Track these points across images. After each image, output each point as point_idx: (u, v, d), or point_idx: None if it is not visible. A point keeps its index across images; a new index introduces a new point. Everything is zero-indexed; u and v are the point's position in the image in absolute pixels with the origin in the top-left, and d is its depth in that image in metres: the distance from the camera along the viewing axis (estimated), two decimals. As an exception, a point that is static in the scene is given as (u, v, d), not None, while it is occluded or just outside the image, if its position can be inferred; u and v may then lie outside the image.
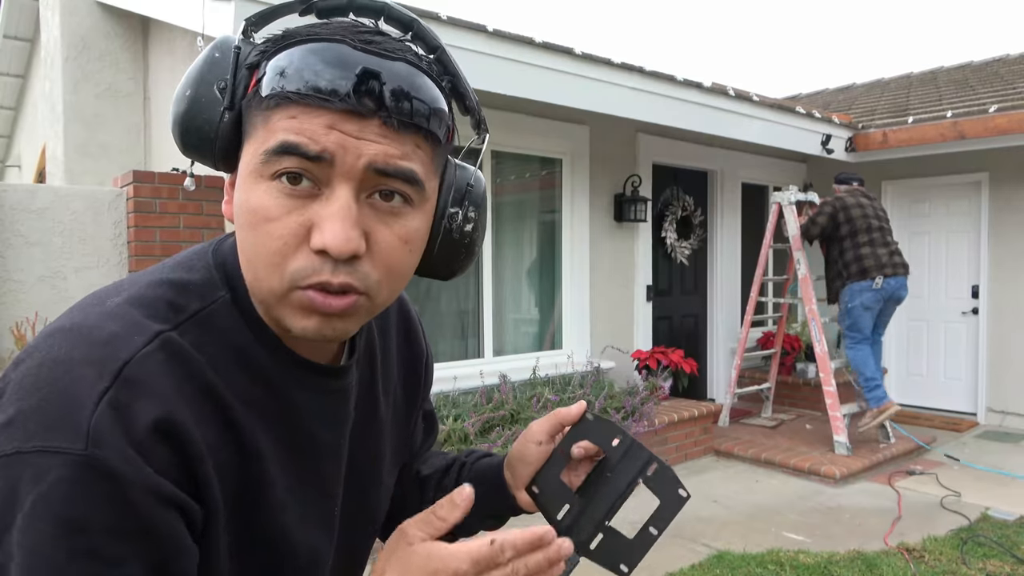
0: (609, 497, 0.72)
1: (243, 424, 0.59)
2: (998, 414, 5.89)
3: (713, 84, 4.87)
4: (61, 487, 0.47)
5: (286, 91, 0.53)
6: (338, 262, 0.54)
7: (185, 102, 0.59)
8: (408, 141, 0.55)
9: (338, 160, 0.53)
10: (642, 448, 0.72)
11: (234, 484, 0.58)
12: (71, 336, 0.53)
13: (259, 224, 0.54)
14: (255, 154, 0.55)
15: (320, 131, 0.52)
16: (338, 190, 0.54)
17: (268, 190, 0.54)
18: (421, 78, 0.56)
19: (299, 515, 0.64)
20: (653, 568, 3.12)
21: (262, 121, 0.55)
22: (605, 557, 0.69)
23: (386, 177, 0.55)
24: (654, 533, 0.68)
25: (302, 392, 0.63)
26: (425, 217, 0.60)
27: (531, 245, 5.05)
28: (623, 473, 0.72)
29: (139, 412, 0.50)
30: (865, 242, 4.75)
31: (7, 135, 7.75)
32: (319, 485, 0.66)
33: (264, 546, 0.61)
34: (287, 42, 0.55)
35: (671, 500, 0.70)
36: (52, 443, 0.48)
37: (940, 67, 8.32)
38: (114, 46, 4.38)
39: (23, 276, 3.33)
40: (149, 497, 0.50)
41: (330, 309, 0.55)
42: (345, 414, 0.69)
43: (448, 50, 0.63)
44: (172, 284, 0.59)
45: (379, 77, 0.53)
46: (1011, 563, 3.13)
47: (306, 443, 0.64)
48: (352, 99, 0.52)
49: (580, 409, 0.76)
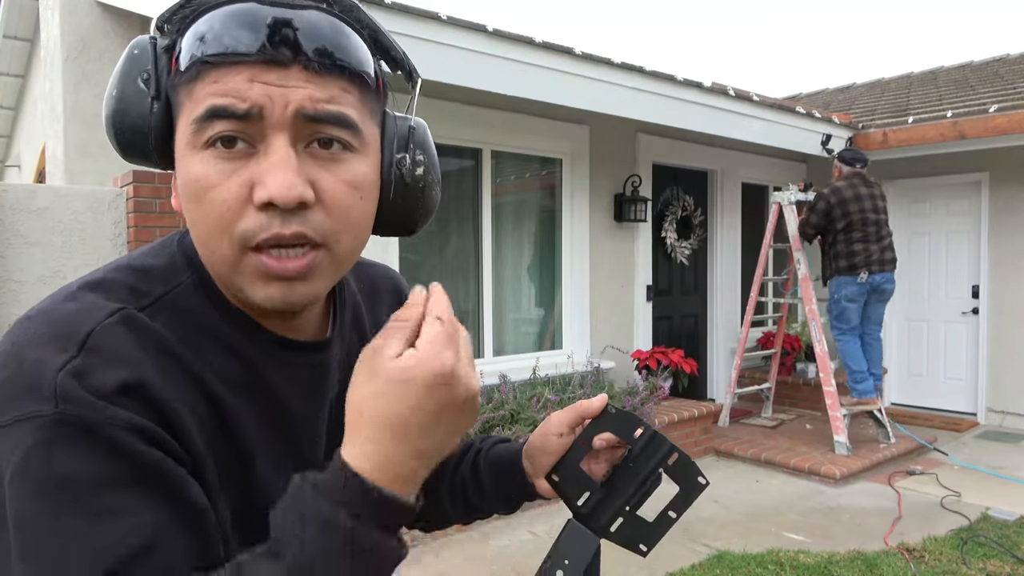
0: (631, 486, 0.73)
1: (222, 399, 0.58)
2: (998, 414, 5.89)
3: (713, 84, 4.87)
4: (39, 448, 0.47)
5: (203, 56, 0.53)
6: (286, 212, 0.53)
7: (112, 101, 0.58)
8: (333, 84, 0.55)
9: (267, 111, 0.52)
10: (664, 439, 0.73)
11: (222, 454, 0.58)
12: (34, 321, 0.53)
13: (201, 194, 0.54)
14: (186, 126, 0.54)
15: (243, 87, 0.52)
16: (273, 142, 0.53)
17: (204, 159, 0.54)
18: (336, 23, 0.56)
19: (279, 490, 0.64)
20: (653, 568, 3.12)
21: (187, 95, 0.54)
22: (625, 538, 0.71)
23: (317, 123, 0.54)
24: (673, 516, 0.70)
25: (277, 368, 0.63)
26: (370, 163, 0.59)
27: (531, 245, 5.05)
28: (644, 463, 0.73)
29: (107, 375, 0.50)
30: (859, 238, 4.77)
31: (7, 135, 7.75)
32: (298, 459, 0.66)
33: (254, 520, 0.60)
34: (197, 12, 0.55)
35: (691, 487, 0.72)
36: (22, 411, 0.48)
37: (940, 67, 8.32)
38: (114, 46, 4.38)
39: (23, 276, 3.33)
40: (130, 435, 0.49)
41: (288, 272, 0.54)
42: (324, 388, 0.68)
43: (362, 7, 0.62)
44: (134, 269, 0.59)
45: (291, 24, 0.53)
46: (1011, 563, 3.13)
47: (284, 419, 0.64)
48: (268, 49, 0.52)
49: (602, 402, 0.76)
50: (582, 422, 0.78)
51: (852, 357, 4.87)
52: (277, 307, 0.57)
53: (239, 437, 0.59)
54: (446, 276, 4.54)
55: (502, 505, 0.85)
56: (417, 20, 3.34)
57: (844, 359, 4.91)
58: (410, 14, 3.32)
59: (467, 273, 4.64)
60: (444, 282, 3.21)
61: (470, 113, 4.30)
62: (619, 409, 0.75)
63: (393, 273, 0.86)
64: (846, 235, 4.79)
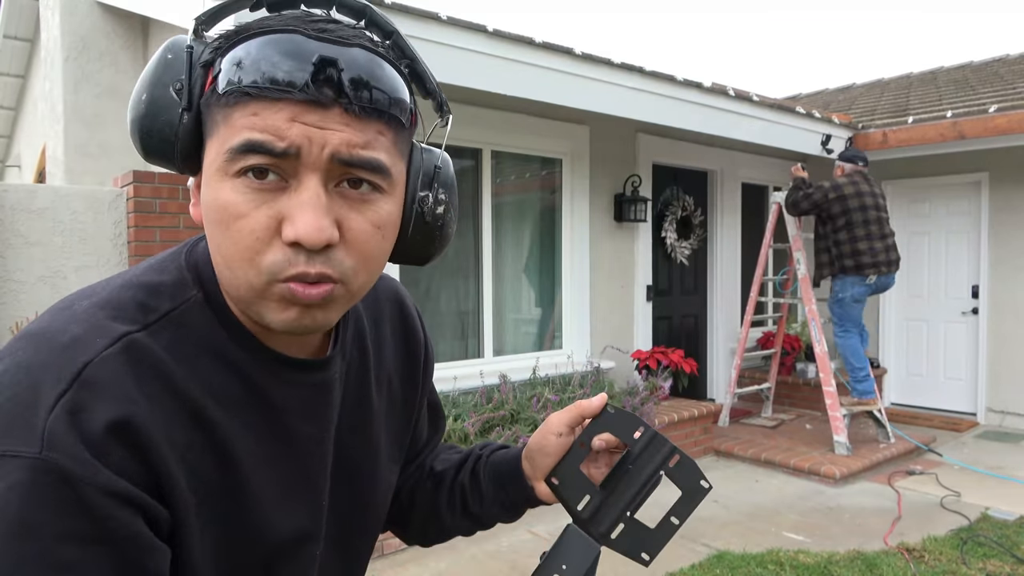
0: (631, 489, 0.71)
1: (217, 422, 0.58)
2: (998, 414, 5.89)
3: (713, 84, 4.87)
4: (16, 490, 0.47)
5: (243, 86, 0.52)
6: (312, 252, 0.54)
7: (142, 106, 0.58)
8: (370, 128, 0.55)
9: (304, 152, 0.53)
10: (664, 440, 0.72)
11: (208, 482, 0.58)
12: (35, 340, 0.53)
13: (229, 221, 0.54)
14: (219, 152, 0.54)
15: (283, 125, 0.52)
16: (306, 181, 0.53)
17: (235, 187, 0.54)
18: (379, 63, 0.55)
19: (282, 510, 0.64)
20: (653, 568, 3.12)
21: (223, 119, 0.54)
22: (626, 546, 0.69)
23: (351, 167, 0.54)
24: (675, 523, 0.68)
25: (280, 387, 0.63)
26: (395, 202, 0.60)
27: (531, 245, 5.05)
28: (645, 465, 0.72)
29: (95, 414, 0.50)
30: (863, 235, 4.72)
31: (7, 135, 7.75)
32: (302, 479, 0.66)
33: (249, 543, 0.61)
34: (240, 36, 0.54)
35: (693, 491, 0.70)
36: (9, 447, 0.48)
37: (940, 67, 8.32)
38: (114, 46, 4.38)
39: (23, 276, 3.33)
40: (106, 499, 0.49)
41: (309, 299, 0.55)
42: (327, 407, 0.68)
43: (403, 35, 0.62)
44: (142, 286, 0.59)
45: (336, 64, 0.52)
46: (1011, 563, 3.13)
47: (287, 438, 0.64)
48: (311, 89, 0.52)
49: (601, 401, 0.75)
50: (581, 422, 0.77)
51: (855, 354, 4.86)
52: (290, 330, 0.57)
53: (233, 461, 0.59)
54: (446, 276, 4.54)
55: (502, 512, 0.85)
56: (417, 20, 3.34)
57: (846, 356, 4.89)
58: (410, 14, 3.33)
59: (467, 273, 4.64)
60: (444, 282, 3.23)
61: (470, 113, 4.30)
62: (619, 409, 0.74)
63: (396, 286, 0.86)
64: (849, 232, 4.74)
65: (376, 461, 0.76)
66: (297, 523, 0.66)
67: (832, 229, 4.83)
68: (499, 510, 0.84)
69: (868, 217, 4.73)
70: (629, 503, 0.71)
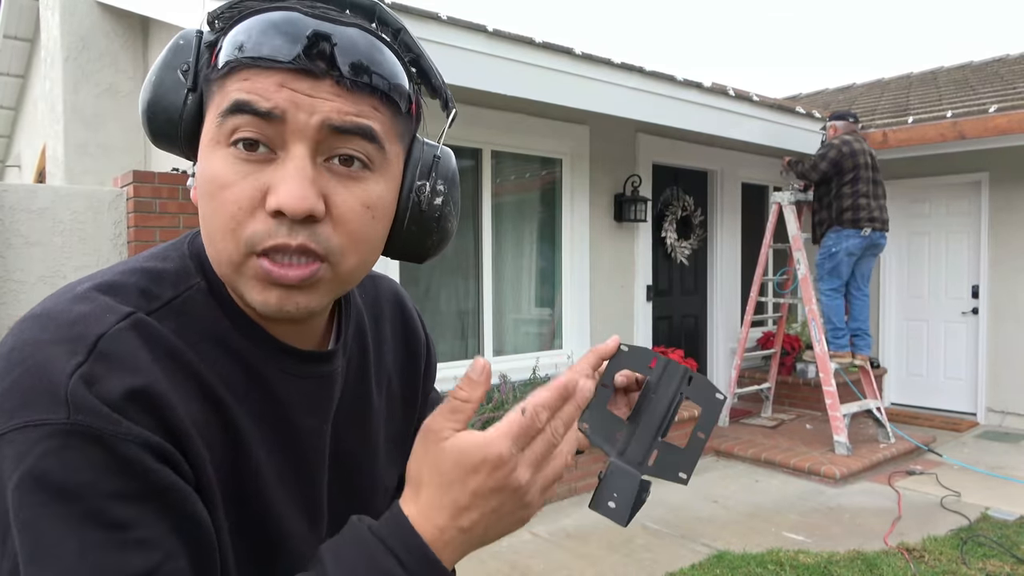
0: (657, 415, 0.76)
1: (228, 405, 0.58)
2: (998, 414, 5.89)
3: (713, 84, 4.87)
4: (49, 458, 0.46)
5: (239, 56, 0.53)
6: (295, 223, 0.53)
7: (150, 88, 0.59)
8: (363, 101, 0.55)
9: (290, 117, 0.53)
10: (678, 365, 0.77)
11: (224, 461, 0.57)
12: (41, 320, 0.53)
13: (216, 192, 0.54)
14: (212, 120, 0.55)
15: (271, 88, 0.53)
16: (293, 150, 0.54)
17: (224, 157, 0.54)
18: (375, 44, 0.56)
19: (283, 499, 0.63)
20: (653, 568, 3.12)
21: (218, 89, 0.55)
22: (664, 470, 0.73)
23: (343, 135, 0.54)
24: (702, 437, 0.73)
25: (282, 377, 0.63)
26: (388, 185, 0.60)
27: (531, 245, 5.05)
28: (665, 390, 0.77)
29: (113, 383, 0.50)
30: (864, 192, 4.85)
31: (7, 135, 7.75)
32: (301, 471, 0.66)
33: (257, 530, 0.61)
34: (241, 15, 0.56)
35: (711, 405, 0.75)
36: (33, 417, 0.47)
37: (940, 67, 8.32)
38: (114, 46, 4.38)
39: (23, 276, 3.33)
40: (143, 453, 0.49)
41: (286, 280, 0.54)
42: (328, 400, 0.68)
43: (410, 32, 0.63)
44: (145, 272, 0.59)
45: (330, 39, 0.53)
46: (1011, 563, 3.13)
47: (287, 428, 0.64)
48: (303, 59, 0.53)
49: (615, 342, 0.80)
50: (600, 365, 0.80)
51: (837, 314, 5.01)
52: (272, 314, 0.57)
53: (243, 444, 0.59)
54: (446, 275, 4.54)
55: None
56: (417, 20, 3.35)
57: (828, 314, 5.01)
58: (410, 14, 3.33)
59: (467, 273, 4.64)
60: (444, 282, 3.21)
61: (470, 113, 4.30)
62: (632, 346, 0.79)
63: (396, 287, 0.86)
64: (852, 187, 4.85)
65: (374, 459, 0.76)
66: (298, 514, 0.65)
67: (838, 184, 4.92)
68: None
69: (868, 176, 4.87)
70: (658, 429, 0.76)
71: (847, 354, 5.02)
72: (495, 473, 0.49)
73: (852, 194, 4.86)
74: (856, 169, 4.84)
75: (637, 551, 3.31)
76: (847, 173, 4.87)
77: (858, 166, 4.84)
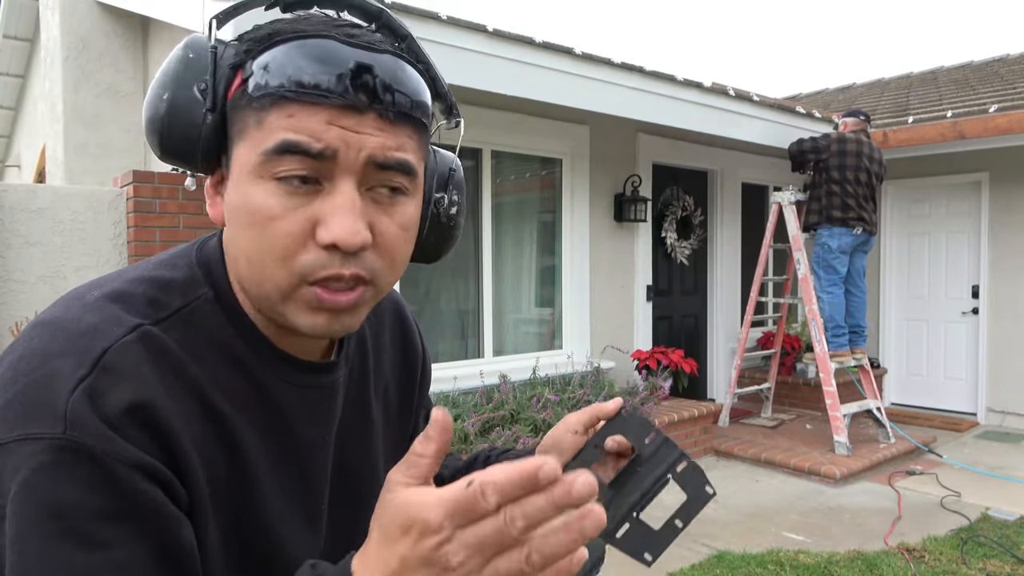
0: (638, 490, 0.74)
1: (228, 418, 0.58)
2: (998, 414, 5.89)
3: (713, 84, 4.87)
4: (42, 472, 0.47)
5: (281, 89, 0.53)
6: (347, 255, 0.54)
7: (164, 105, 0.57)
8: (402, 132, 0.56)
9: (340, 155, 0.53)
10: (674, 446, 0.75)
11: (220, 477, 0.58)
12: (49, 329, 0.53)
13: (264, 223, 0.54)
14: (252, 154, 0.54)
15: (320, 128, 0.52)
16: (341, 184, 0.54)
17: (269, 190, 0.54)
18: (405, 68, 0.57)
19: (283, 511, 0.64)
20: (653, 568, 3.12)
21: (255, 121, 0.54)
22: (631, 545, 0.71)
23: (385, 170, 0.55)
24: (679, 526, 0.71)
25: (286, 388, 0.63)
26: (417, 204, 0.61)
27: (531, 245, 5.05)
28: (653, 468, 0.74)
29: (115, 397, 0.50)
30: (852, 192, 4.91)
31: (7, 135, 7.75)
32: (303, 482, 0.66)
33: (253, 543, 0.61)
34: (273, 40, 0.54)
35: (698, 496, 0.73)
36: (32, 430, 0.48)
37: (940, 67, 8.32)
38: (114, 46, 4.38)
39: (23, 276, 3.33)
40: (133, 473, 0.49)
41: (338, 305, 0.56)
42: (331, 411, 0.68)
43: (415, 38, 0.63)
44: (153, 281, 0.59)
45: (372, 71, 0.54)
46: (1011, 563, 3.13)
47: (290, 439, 0.64)
48: (350, 93, 0.53)
49: (617, 405, 0.78)
50: (596, 423, 0.79)
51: (838, 310, 5.02)
52: (319, 334, 0.58)
53: (242, 456, 0.60)
54: (446, 276, 4.54)
55: None
56: (417, 20, 3.34)
57: (830, 311, 5.02)
58: (410, 14, 3.33)
59: (467, 273, 4.64)
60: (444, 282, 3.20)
61: (470, 113, 4.30)
62: (632, 413, 0.77)
63: (396, 297, 0.87)
64: (841, 187, 4.90)
65: (375, 469, 0.76)
66: (299, 525, 0.65)
67: (826, 179, 4.97)
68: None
69: (859, 178, 4.91)
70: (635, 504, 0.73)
71: (847, 353, 5.03)
72: (421, 541, 0.42)
73: (841, 193, 4.91)
74: (844, 169, 4.88)
75: (637, 551, 3.30)
76: (832, 170, 4.92)
77: (845, 166, 4.88)
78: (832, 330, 5.02)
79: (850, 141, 4.94)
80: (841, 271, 5.01)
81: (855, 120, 5.15)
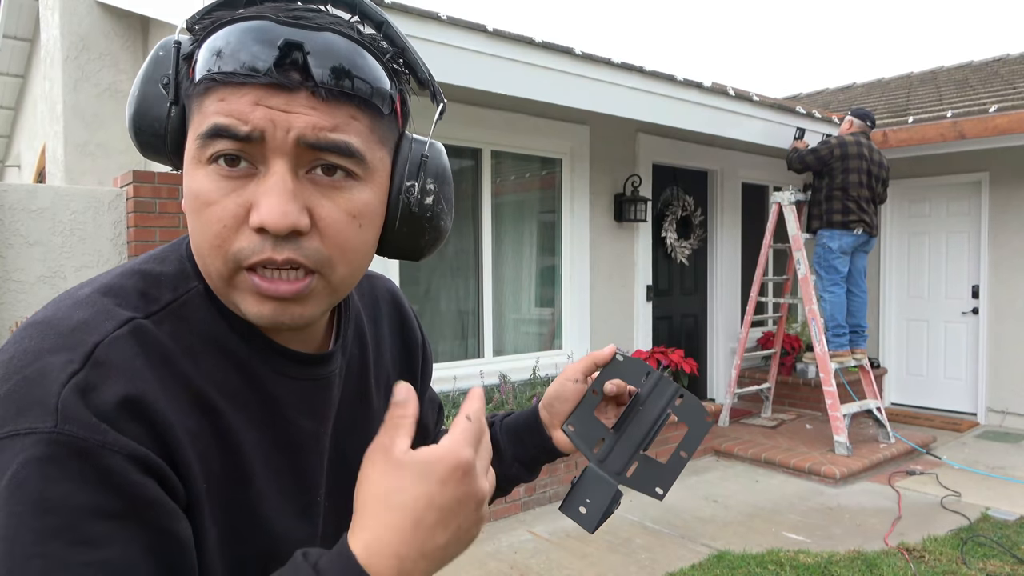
0: (642, 428, 0.76)
1: (222, 412, 0.58)
2: (998, 414, 5.89)
3: (713, 84, 4.87)
4: (31, 466, 0.46)
5: (212, 73, 0.53)
6: (279, 238, 0.53)
7: (134, 102, 0.59)
8: (341, 112, 0.54)
9: (268, 136, 0.52)
10: (670, 381, 0.79)
11: (216, 472, 0.57)
12: (40, 328, 0.53)
13: (201, 209, 0.54)
14: (192, 139, 0.55)
15: (247, 109, 0.52)
16: (273, 166, 0.53)
17: (207, 174, 0.54)
18: (353, 48, 0.55)
19: (279, 505, 0.63)
20: (653, 568, 3.12)
21: (197, 107, 0.55)
22: (641, 483, 0.74)
23: (319, 151, 0.54)
24: (684, 456, 0.74)
25: (280, 380, 0.63)
26: (374, 191, 0.59)
27: (531, 245, 5.05)
28: (653, 405, 0.77)
29: (107, 391, 0.50)
30: (854, 196, 4.94)
31: (7, 135, 7.75)
32: (299, 474, 0.65)
33: (249, 538, 0.61)
34: (215, 25, 0.55)
35: (698, 426, 0.76)
36: (22, 425, 0.47)
37: (940, 67, 8.32)
38: (114, 46, 4.38)
39: (23, 276, 3.33)
40: (127, 466, 0.48)
41: (278, 293, 0.55)
42: (327, 402, 0.68)
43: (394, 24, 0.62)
44: (144, 275, 0.59)
45: (302, 48, 0.52)
46: (1011, 563, 3.13)
47: (285, 432, 0.64)
48: (275, 72, 0.51)
49: (611, 350, 0.82)
50: (594, 371, 0.82)
51: (840, 310, 5.05)
52: (268, 325, 0.57)
53: (237, 450, 0.59)
54: (446, 276, 4.54)
55: (521, 469, 0.88)
56: (417, 20, 3.34)
57: (832, 311, 5.05)
58: (410, 14, 3.33)
59: (467, 273, 4.64)
60: (444, 282, 3.21)
61: (470, 113, 4.30)
62: (626, 356, 0.80)
63: (393, 287, 0.86)
64: (843, 191, 4.93)
65: None
66: (295, 519, 0.65)
67: (829, 184, 5.01)
68: (517, 468, 0.88)
69: (861, 181, 4.94)
70: (641, 442, 0.76)
71: (847, 353, 5.04)
72: (465, 480, 0.50)
73: (843, 197, 4.93)
74: (847, 172, 4.90)
75: (637, 551, 3.31)
76: (837, 173, 4.94)
77: (848, 169, 4.90)
78: (833, 329, 5.03)
79: (851, 144, 4.94)
80: (842, 271, 5.02)
81: (861, 123, 5.14)
